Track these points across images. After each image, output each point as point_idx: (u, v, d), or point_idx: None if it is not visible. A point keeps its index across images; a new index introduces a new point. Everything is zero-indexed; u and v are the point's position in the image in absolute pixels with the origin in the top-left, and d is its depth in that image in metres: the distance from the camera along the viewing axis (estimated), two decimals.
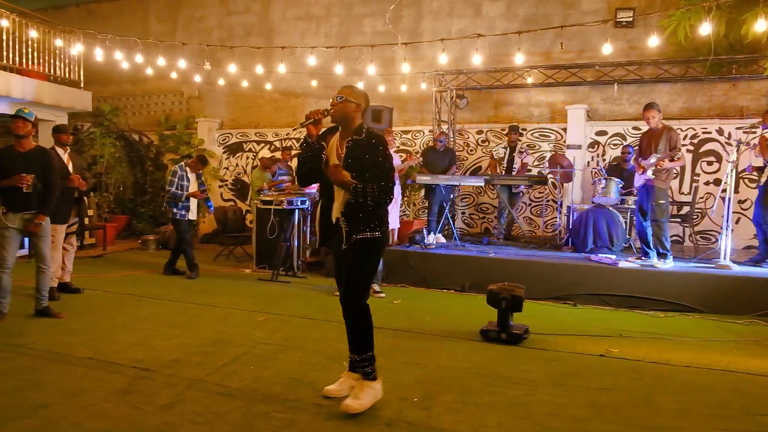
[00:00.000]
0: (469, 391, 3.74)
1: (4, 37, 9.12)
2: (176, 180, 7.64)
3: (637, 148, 7.12)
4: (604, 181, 7.77)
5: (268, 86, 10.68)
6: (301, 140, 3.49)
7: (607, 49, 7.49)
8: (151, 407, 3.36)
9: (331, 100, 3.44)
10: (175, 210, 7.67)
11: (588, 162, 9.41)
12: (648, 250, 6.69)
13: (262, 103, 11.73)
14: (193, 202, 7.86)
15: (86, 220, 7.90)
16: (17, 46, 9.42)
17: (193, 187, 7.79)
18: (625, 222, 7.79)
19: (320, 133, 3.50)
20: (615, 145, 9.29)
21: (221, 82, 10.96)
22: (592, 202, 8.01)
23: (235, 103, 12.03)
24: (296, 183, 7.78)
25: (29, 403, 3.39)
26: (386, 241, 3.55)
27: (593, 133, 9.46)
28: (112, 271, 8.03)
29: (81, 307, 5.82)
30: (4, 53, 9.17)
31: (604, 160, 9.31)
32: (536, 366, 4.28)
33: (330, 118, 3.44)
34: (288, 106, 11.55)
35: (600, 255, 7.11)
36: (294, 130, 3.30)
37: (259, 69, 9.80)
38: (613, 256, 7.04)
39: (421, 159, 9.03)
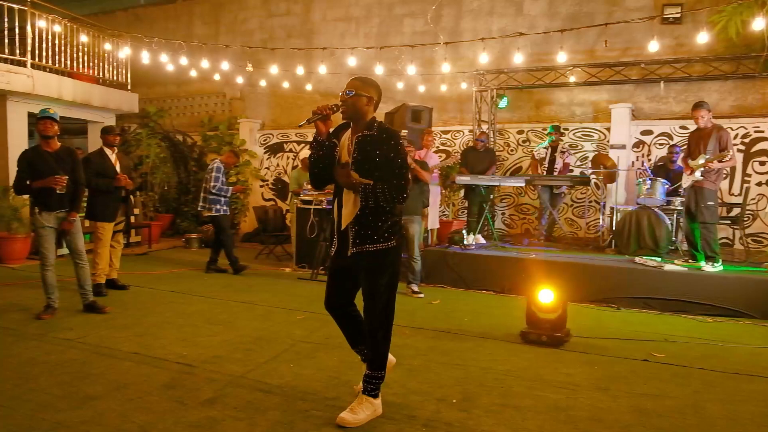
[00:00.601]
0: (510, 393, 3.69)
1: (57, 42, 9.45)
2: (220, 176, 7.78)
3: (684, 147, 6.92)
4: (649, 182, 7.57)
5: (309, 87, 10.78)
6: (312, 139, 3.28)
7: (653, 46, 7.31)
8: (194, 402, 3.43)
9: (340, 95, 3.24)
10: (217, 206, 7.80)
11: (632, 162, 9.19)
12: (696, 252, 6.50)
13: (302, 104, 11.84)
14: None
15: (132, 219, 8.11)
16: (69, 51, 9.76)
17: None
18: (672, 223, 7.57)
19: (332, 130, 3.31)
20: (661, 144, 9.05)
21: (263, 83, 11.11)
22: (637, 203, 7.81)
23: (276, 104, 12.17)
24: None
25: (80, 394, 3.50)
26: (401, 248, 3.32)
27: (638, 133, 9.23)
28: (157, 269, 8.23)
29: (128, 303, 5.98)
30: (57, 57, 9.50)
31: (649, 160, 9.08)
32: (578, 369, 4.20)
33: (341, 114, 3.25)
34: None
35: (645, 257, 6.93)
36: (299, 126, 3.26)
37: (300, 70, 9.91)
38: (659, 259, 6.86)
39: (459, 159, 8.97)
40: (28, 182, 5.21)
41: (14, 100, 8.96)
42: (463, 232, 7.89)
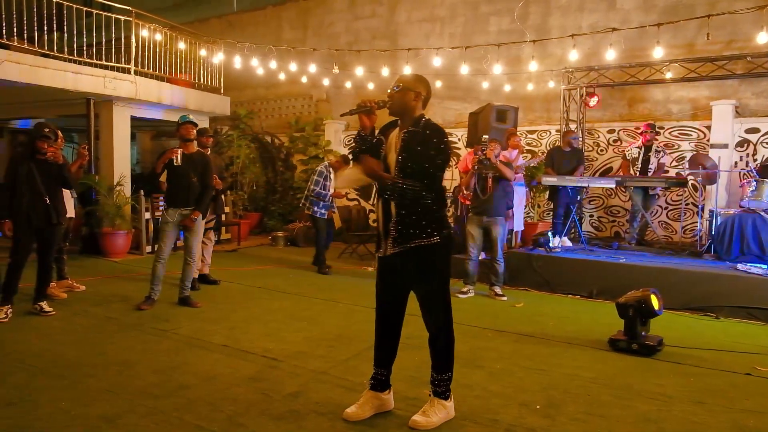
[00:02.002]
0: (597, 402, 3.55)
1: (157, 49, 10.04)
2: (321, 180, 8.00)
3: None
4: (754, 184, 7.04)
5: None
6: (355, 134, 3.22)
7: (762, 38, 6.80)
8: (278, 395, 3.53)
9: (388, 90, 3.17)
10: (315, 209, 8.02)
11: (736, 162, 8.59)
12: None
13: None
14: (333, 201, 8.16)
15: (223, 217, 8.47)
16: (168, 58, 10.33)
17: (334, 186, 8.10)
18: None
19: (382, 126, 3.24)
20: None
21: (348, 85, 11.29)
22: (741, 206, 7.29)
23: None
24: None
25: (174, 383, 3.69)
26: (450, 246, 3.19)
27: (743, 131, 8.62)
28: (245, 265, 8.55)
29: (218, 298, 6.25)
30: (157, 64, 10.08)
31: (755, 160, 8.45)
32: (671, 380, 3.97)
33: (387, 111, 3.18)
34: None
35: (748, 264, 6.46)
36: (341, 116, 3.25)
37: (385, 71, 10.00)
38: (764, 266, 6.37)
39: (542, 159, 8.73)
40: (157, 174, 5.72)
41: (119, 104, 9.59)
42: (549, 234, 7.67)
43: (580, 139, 9.46)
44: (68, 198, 6.07)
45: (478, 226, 6.62)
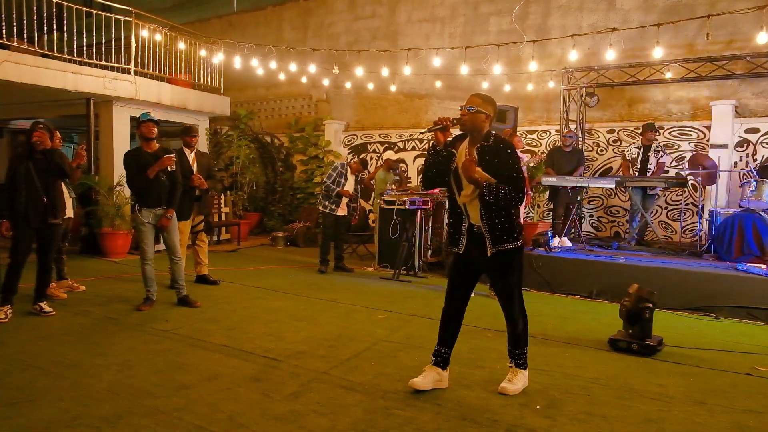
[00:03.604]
0: (597, 402, 3.55)
1: (157, 49, 10.03)
2: (335, 175, 8.02)
3: None
4: (754, 184, 7.05)
5: (393, 88, 10.85)
6: (429, 146, 3.58)
7: (762, 38, 6.80)
8: (279, 395, 3.53)
9: (461, 109, 3.49)
10: (326, 203, 8.03)
11: (735, 162, 8.60)
12: None
13: (386, 105, 11.94)
14: (344, 201, 8.16)
15: (215, 217, 8.41)
16: (168, 58, 10.33)
17: (349, 186, 8.11)
18: None
19: (449, 140, 3.59)
20: None
21: (348, 85, 11.29)
22: (740, 206, 7.30)
23: (361, 105, 12.34)
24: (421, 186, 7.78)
25: (174, 383, 3.69)
26: (524, 247, 3.66)
27: (742, 131, 8.62)
28: (245, 265, 8.55)
29: (218, 298, 6.25)
30: (157, 64, 10.08)
31: (755, 160, 8.46)
32: (672, 381, 3.97)
33: (459, 127, 3.53)
34: (411, 108, 11.66)
35: (748, 264, 6.46)
36: (421, 133, 3.41)
37: (385, 71, 10.00)
38: (764, 266, 6.37)
39: (543, 158, 8.73)
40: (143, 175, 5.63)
41: (119, 105, 9.59)
42: (549, 234, 7.67)
43: (578, 138, 9.44)
44: (67, 198, 6.06)
45: None
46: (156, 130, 5.71)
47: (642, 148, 8.38)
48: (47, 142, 5.16)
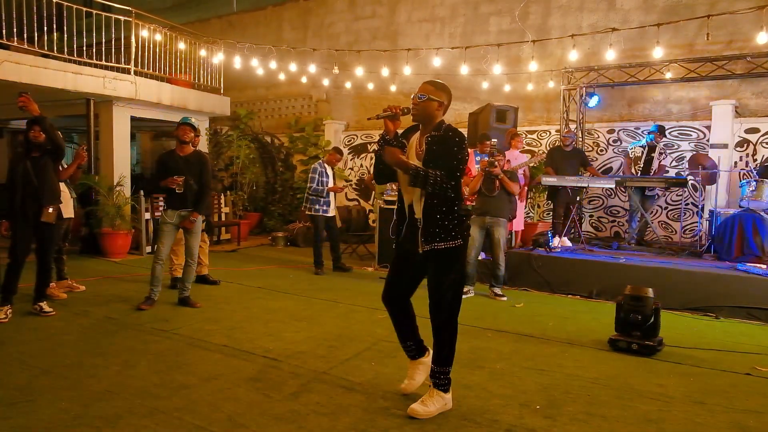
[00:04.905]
0: (597, 402, 3.55)
1: (157, 49, 10.03)
2: (317, 176, 7.94)
3: None
4: (754, 184, 7.05)
5: (393, 88, 10.85)
6: (379, 137, 3.36)
7: (762, 38, 6.81)
8: (279, 395, 3.53)
9: (412, 98, 3.30)
10: (317, 206, 7.96)
11: (735, 162, 8.60)
12: None
13: (386, 105, 11.92)
14: (333, 198, 8.13)
15: (215, 217, 8.40)
16: (168, 58, 10.33)
17: (332, 182, 8.06)
18: None
19: (402, 131, 3.39)
20: None
21: (348, 85, 11.29)
22: (740, 206, 7.30)
23: (361, 105, 12.33)
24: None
25: (174, 383, 3.69)
26: (466, 247, 3.37)
27: (742, 131, 8.62)
28: (245, 265, 8.55)
29: (218, 298, 6.25)
30: (157, 64, 10.08)
31: (755, 160, 8.46)
32: (672, 380, 3.97)
33: (411, 117, 3.33)
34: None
35: (748, 264, 6.46)
36: (368, 120, 3.31)
37: (385, 71, 10.00)
38: (764, 266, 6.37)
39: (542, 158, 8.73)
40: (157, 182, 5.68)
41: (119, 105, 9.59)
42: (549, 234, 7.67)
43: (576, 138, 9.43)
44: (68, 198, 6.06)
45: (480, 227, 6.61)
46: (192, 134, 5.76)
47: (647, 148, 8.37)
48: (41, 138, 5.11)
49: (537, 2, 10.23)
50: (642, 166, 8.33)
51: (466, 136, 3.34)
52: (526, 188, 8.20)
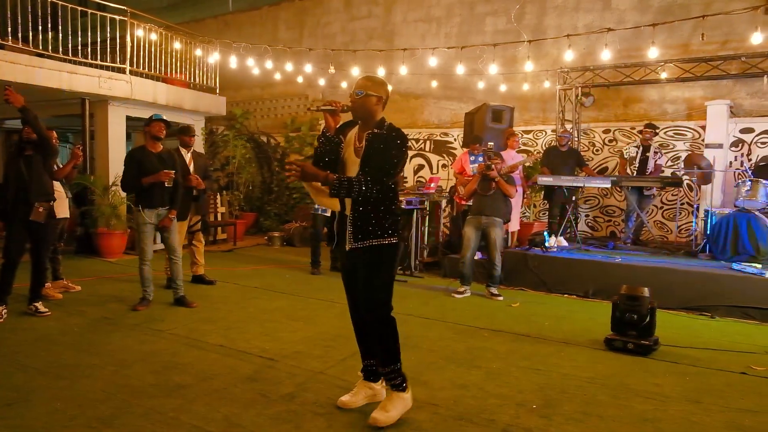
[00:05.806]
0: (593, 401, 3.56)
1: (153, 49, 10.01)
2: None
3: None
4: (749, 183, 7.08)
5: (389, 88, 10.82)
6: (319, 133, 3.30)
7: (756, 38, 6.84)
8: (275, 395, 3.53)
9: (350, 95, 3.24)
10: (316, 206, 7.94)
11: (731, 162, 8.63)
12: None
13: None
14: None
15: (211, 217, 8.38)
16: (163, 57, 10.30)
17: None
18: None
19: (339, 126, 3.32)
20: (763, 143, 8.45)
21: (344, 85, 11.28)
22: (735, 206, 7.33)
23: None
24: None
25: (171, 383, 3.68)
26: (399, 246, 3.24)
27: (737, 131, 8.66)
28: (242, 265, 8.53)
29: (214, 298, 6.24)
30: (153, 64, 10.05)
31: (749, 159, 8.50)
32: (668, 380, 3.99)
33: (351, 113, 3.28)
34: (407, 108, 11.65)
35: (743, 264, 6.49)
36: (308, 110, 3.28)
37: (381, 71, 9.98)
38: (759, 266, 6.39)
39: (537, 157, 8.74)
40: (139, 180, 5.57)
41: (115, 104, 9.56)
42: (545, 234, 7.69)
43: (572, 138, 9.45)
44: (63, 198, 6.04)
45: (475, 227, 6.62)
46: (165, 131, 5.70)
47: (641, 148, 8.40)
48: (33, 135, 5.10)
49: (533, 2, 10.24)
50: (637, 166, 8.36)
51: (407, 136, 3.27)
52: (524, 190, 8.21)
